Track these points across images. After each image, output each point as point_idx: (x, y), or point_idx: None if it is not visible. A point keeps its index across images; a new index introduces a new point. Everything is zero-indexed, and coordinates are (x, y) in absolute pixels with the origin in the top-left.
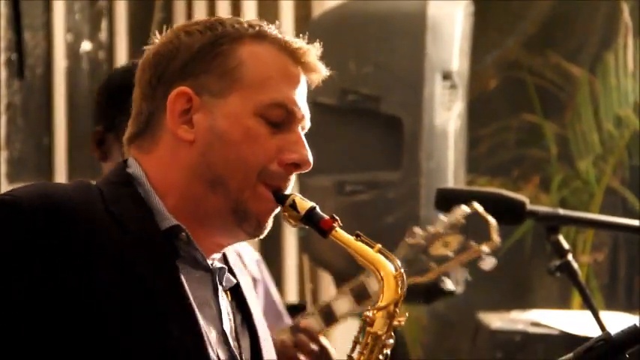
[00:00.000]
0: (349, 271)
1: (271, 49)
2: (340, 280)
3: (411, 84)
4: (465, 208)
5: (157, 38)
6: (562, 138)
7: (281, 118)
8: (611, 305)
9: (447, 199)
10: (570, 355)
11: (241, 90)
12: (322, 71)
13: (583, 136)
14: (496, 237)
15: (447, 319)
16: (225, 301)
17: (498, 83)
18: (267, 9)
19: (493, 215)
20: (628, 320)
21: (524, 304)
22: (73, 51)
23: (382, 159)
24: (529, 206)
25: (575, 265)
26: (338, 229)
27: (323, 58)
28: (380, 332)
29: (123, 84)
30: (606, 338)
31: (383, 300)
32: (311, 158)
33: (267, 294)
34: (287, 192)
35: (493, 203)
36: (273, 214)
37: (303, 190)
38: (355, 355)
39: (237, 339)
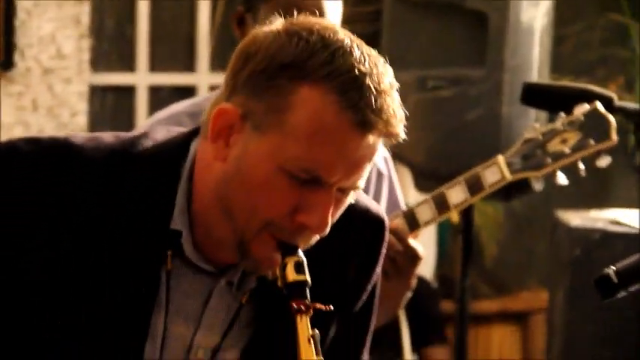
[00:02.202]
0: (428, 167)
1: (330, 103)
2: (419, 176)
3: None
4: (585, 106)
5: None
6: None
7: (307, 179)
8: None
9: (533, 94)
10: None
11: (278, 135)
12: (397, 133)
13: None
14: (614, 135)
15: (524, 217)
16: (220, 310)
17: None
18: None
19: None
20: None
21: (603, 202)
22: None
23: (466, 55)
24: (617, 102)
25: None
26: (305, 319)
27: None
28: None
29: None
30: None
31: None
32: (325, 225)
33: (392, 190)
34: (300, 248)
35: (581, 98)
36: (276, 264)
37: None
38: None
39: (217, 348)
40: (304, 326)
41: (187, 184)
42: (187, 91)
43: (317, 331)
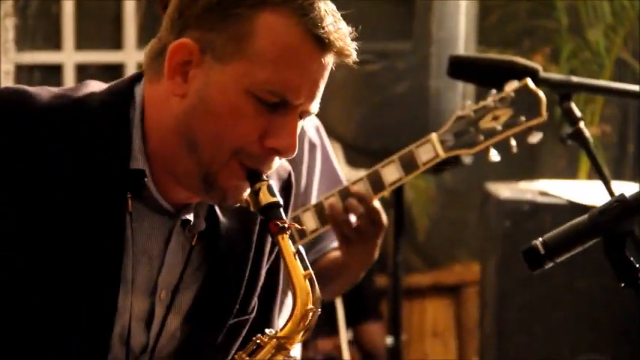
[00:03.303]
0: (358, 141)
1: (292, 25)
2: (350, 151)
3: None
4: (515, 82)
5: None
6: (573, 8)
7: (274, 102)
8: (619, 176)
9: (460, 67)
10: (585, 216)
11: (242, 62)
12: (351, 53)
13: (593, 6)
14: (544, 111)
15: (454, 190)
16: (178, 251)
17: None
18: None
19: (506, 82)
20: (636, 189)
21: (532, 174)
22: None
23: (393, 29)
24: (542, 73)
25: (587, 133)
26: (286, 237)
27: None
28: None
29: None
30: (621, 200)
31: (284, 330)
32: (294, 147)
33: (326, 159)
34: (265, 175)
35: (506, 70)
36: (244, 191)
37: None
38: None
39: (176, 289)
40: (287, 244)
41: (140, 125)
42: (115, 69)
43: (300, 246)
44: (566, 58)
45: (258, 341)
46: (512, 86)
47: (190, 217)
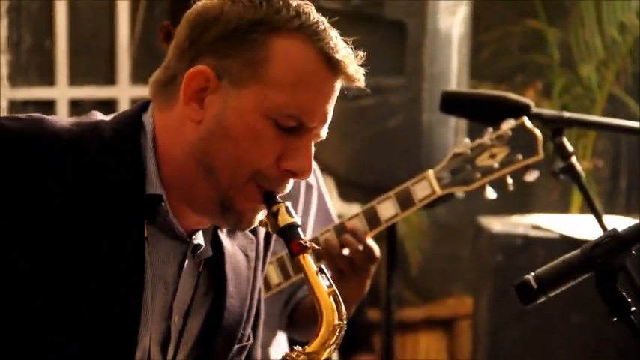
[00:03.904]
0: (351, 176)
1: (307, 50)
2: (343, 186)
3: None
4: (512, 121)
5: None
6: (565, 44)
7: (291, 126)
8: (611, 210)
9: (452, 102)
10: (577, 251)
11: (259, 86)
12: (360, 78)
13: (585, 42)
14: (541, 150)
15: (447, 224)
16: (190, 276)
17: None
18: None
19: (498, 118)
20: (628, 223)
21: (525, 208)
22: None
23: (386, 64)
24: (534, 109)
25: (579, 168)
26: (307, 256)
27: None
28: None
29: None
30: (613, 235)
31: (311, 346)
32: (310, 169)
33: (320, 199)
34: (279, 197)
35: (499, 105)
36: (258, 214)
37: None
38: None
39: (187, 314)
40: (309, 263)
41: (153, 152)
42: (108, 105)
43: (322, 265)
44: (558, 93)
45: (287, 358)
46: (509, 124)
47: (201, 241)
